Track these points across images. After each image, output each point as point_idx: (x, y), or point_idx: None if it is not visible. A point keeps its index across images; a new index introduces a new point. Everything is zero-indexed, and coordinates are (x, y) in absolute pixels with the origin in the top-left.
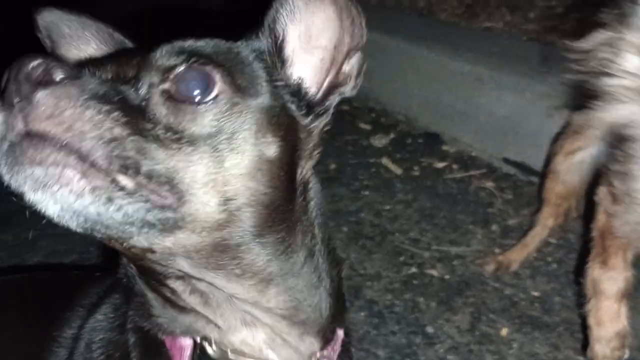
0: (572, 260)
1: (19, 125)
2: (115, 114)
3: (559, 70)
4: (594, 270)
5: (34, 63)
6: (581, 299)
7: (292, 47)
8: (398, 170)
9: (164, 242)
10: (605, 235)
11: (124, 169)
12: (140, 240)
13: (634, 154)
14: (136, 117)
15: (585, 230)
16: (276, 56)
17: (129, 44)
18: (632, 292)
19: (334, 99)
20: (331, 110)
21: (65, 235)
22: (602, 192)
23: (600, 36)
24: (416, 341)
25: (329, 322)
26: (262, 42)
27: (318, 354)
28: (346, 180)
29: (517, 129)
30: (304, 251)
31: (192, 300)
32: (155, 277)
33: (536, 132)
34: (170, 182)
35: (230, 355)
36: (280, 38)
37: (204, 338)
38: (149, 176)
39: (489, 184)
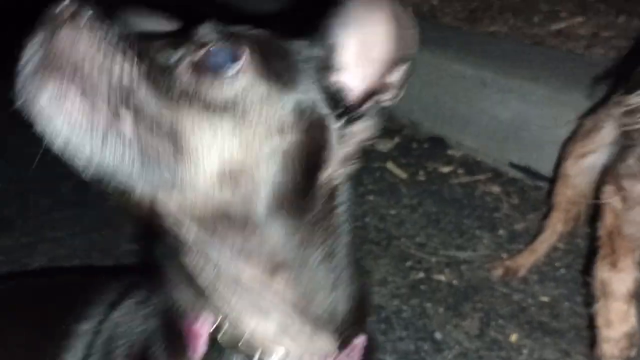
0: (580, 266)
1: (47, 47)
2: (138, 60)
3: (562, 73)
4: (603, 271)
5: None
6: (589, 299)
7: (342, 58)
8: (403, 175)
9: (168, 202)
10: (613, 235)
11: (129, 113)
12: (144, 191)
13: None
14: (158, 73)
15: (592, 231)
16: (323, 65)
17: None
18: None
19: (372, 108)
20: (370, 119)
21: (66, 240)
22: (609, 191)
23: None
24: (425, 347)
25: (347, 327)
26: (312, 49)
27: (333, 356)
28: (351, 184)
29: (521, 133)
30: (322, 250)
31: (202, 281)
32: (177, 251)
33: (541, 136)
34: (173, 141)
35: (240, 346)
36: (331, 48)
37: (217, 328)
38: (151, 128)
39: (495, 189)
